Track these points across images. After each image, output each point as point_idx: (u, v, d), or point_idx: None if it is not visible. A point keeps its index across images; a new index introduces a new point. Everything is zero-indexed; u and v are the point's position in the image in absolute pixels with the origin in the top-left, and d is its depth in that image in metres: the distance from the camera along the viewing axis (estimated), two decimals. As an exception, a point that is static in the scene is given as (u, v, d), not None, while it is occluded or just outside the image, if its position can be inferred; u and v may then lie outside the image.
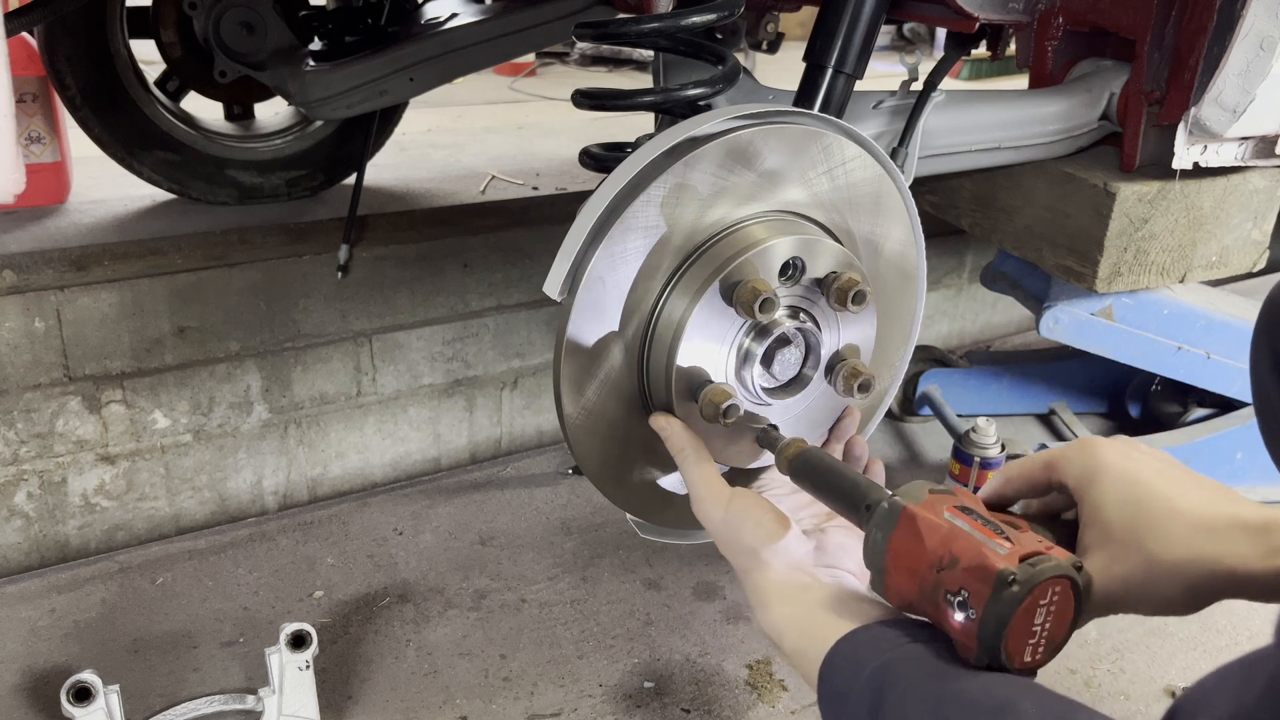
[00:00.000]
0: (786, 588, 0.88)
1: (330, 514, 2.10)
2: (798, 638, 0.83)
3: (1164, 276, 1.80)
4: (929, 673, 0.70)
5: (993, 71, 5.13)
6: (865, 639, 0.77)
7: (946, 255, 2.97)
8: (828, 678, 0.77)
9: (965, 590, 0.71)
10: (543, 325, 2.39)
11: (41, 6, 1.75)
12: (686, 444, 0.98)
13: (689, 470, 0.97)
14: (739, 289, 0.95)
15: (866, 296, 1.00)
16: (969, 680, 0.68)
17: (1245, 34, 1.48)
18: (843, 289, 1.00)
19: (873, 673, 0.72)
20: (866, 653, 0.75)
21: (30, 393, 1.89)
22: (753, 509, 0.92)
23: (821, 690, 0.77)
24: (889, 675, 0.71)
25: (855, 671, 0.74)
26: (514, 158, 2.77)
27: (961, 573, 0.72)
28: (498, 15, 2.00)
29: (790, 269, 1.00)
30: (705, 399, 0.97)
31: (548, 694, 1.63)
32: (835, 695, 0.75)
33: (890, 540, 0.78)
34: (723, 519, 0.93)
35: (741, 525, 0.92)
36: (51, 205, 2.13)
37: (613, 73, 5.22)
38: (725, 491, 0.95)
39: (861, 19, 1.36)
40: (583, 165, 1.26)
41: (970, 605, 0.71)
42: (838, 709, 0.75)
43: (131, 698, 1.54)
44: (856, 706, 0.72)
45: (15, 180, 0.87)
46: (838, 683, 0.75)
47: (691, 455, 0.97)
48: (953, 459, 1.88)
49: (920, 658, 0.73)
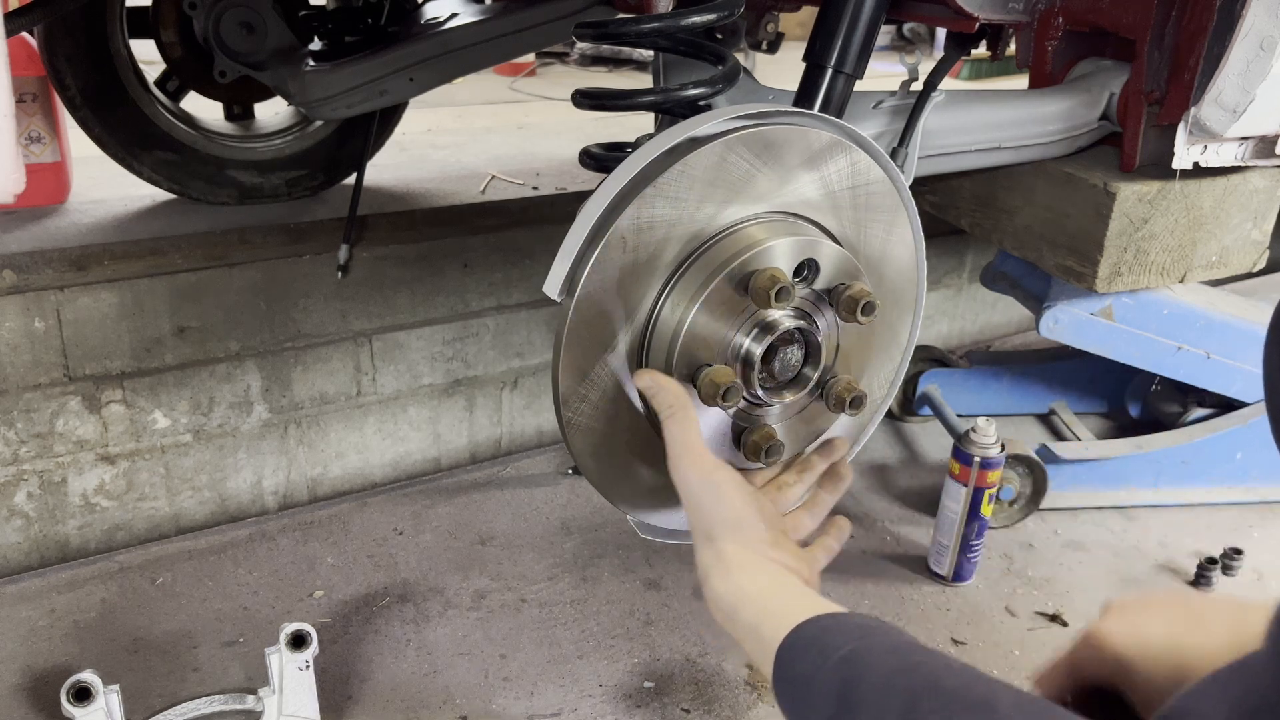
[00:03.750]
0: (752, 562, 0.86)
1: (330, 514, 2.10)
2: (754, 614, 0.81)
3: (1164, 276, 1.80)
4: (901, 665, 0.69)
5: (993, 71, 5.13)
6: (831, 625, 0.76)
7: (946, 255, 2.98)
8: (787, 661, 0.75)
9: None
10: (543, 325, 2.39)
11: (41, 6, 1.75)
12: (676, 401, 0.94)
13: (674, 427, 0.93)
14: (756, 276, 0.95)
15: (876, 308, 1.00)
16: (945, 674, 0.67)
17: (1245, 34, 1.48)
18: (853, 299, 0.99)
19: (840, 661, 0.71)
20: (833, 638, 0.73)
21: (30, 393, 1.89)
22: (736, 483, 0.91)
23: (779, 673, 0.76)
24: (858, 665, 0.70)
25: (820, 658, 0.72)
26: (514, 158, 2.77)
27: None
28: (498, 15, 2.00)
29: (803, 270, 1.00)
30: (705, 379, 0.96)
31: (548, 694, 1.63)
32: (797, 679, 0.74)
33: None
34: (700, 481, 0.90)
35: (720, 492, 0.90)
36: (51, 205, 2.13)
37: (613, 73, 5.22)
38: (709, 460, 0.92)
39: (861, 19, 1.36)
40: (583, 165, 1.26)
41: None
42: (800, 694, 0.73)
43: (131, 698, 1.54)
44: (822, 695, 0.70)
45: (15, 180, 0.87)
46: (800, 667, 0.74)
47: (680, 414, 0.94)
48: (952, 459, 1.88)
49: (891, 648, 0.71)
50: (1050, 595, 1.93)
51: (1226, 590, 1.96)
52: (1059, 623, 1.85)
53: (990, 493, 1.87)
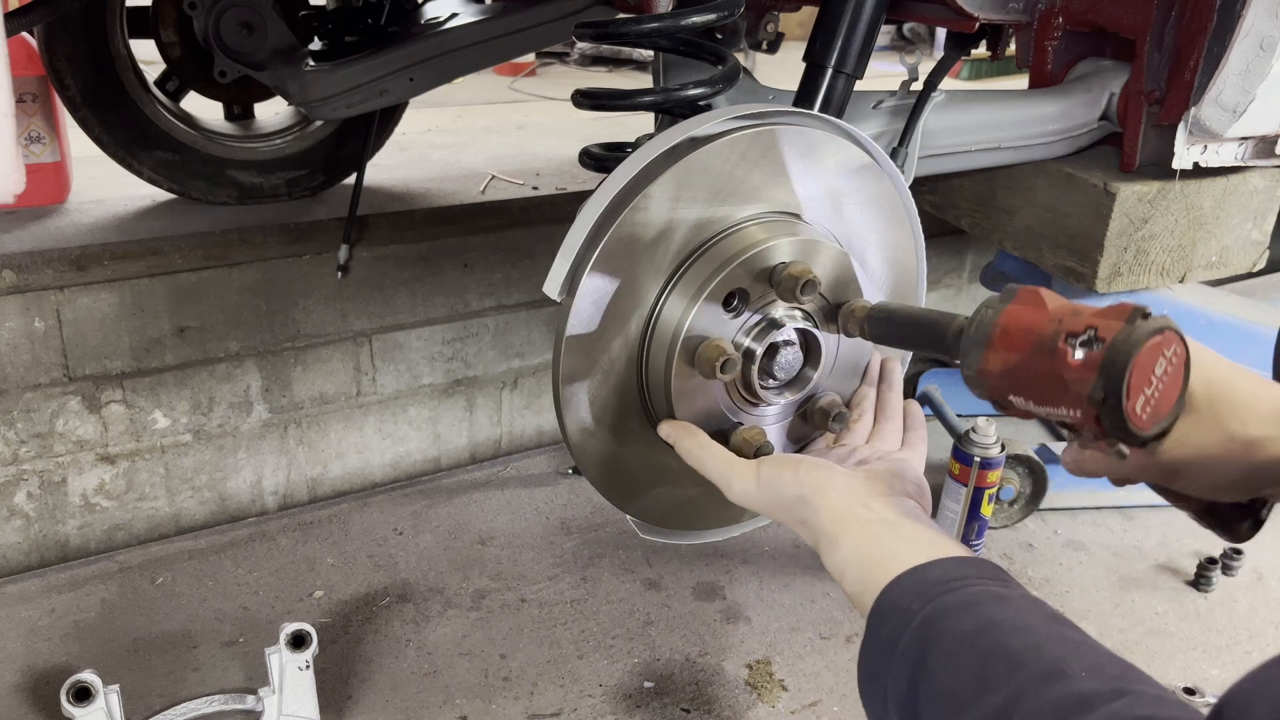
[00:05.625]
0: (845, 521, 0.85)
1: (330, 514, 2.10)
2: (854, 581, 0.80)
3: (1164, 276, 1.80)
4: (975, 626, 0.68)
5: (993, 71, 5.13)
6: (911, 585, 0.75)
7: (946, 255, 2.98)
8: (875, 625, 0.75)
9: (1093, 329, 0.71)
10: (543, 325, 2.39)
11: (41, 6, 1.75)
12: (696, 438, 0.96)
13: (708, 462, 0.95)
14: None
15: (817, 287, 0.99)
16: (1016, 635, 0.66)
17: (1245, 34, 1.48)
18: (793, 276, 0.98)
19: (920, 624, 0.70)
20: (913, 601, 0.73)
21: (30, 393, 1.89)
22: (786, 463, 0.91)
23: (868, 636, 0.75)
24: (934, 628, 0.69)
25: (903, 622, 0.72)
26: (514, 158, 2.77)
27: (1091, 315, 0.72)
28: (497, 15, 2.00)
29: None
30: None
31: (548, 694, 1.63)
32: (883, 644, 0.73)
33: (1004, 312, 0.78)
34: (758, 486, 0.91)
35: (781, 481, 0.90)
36: (51, 205, 2.13)
37: (613, 73, 5.22)
38: (750, 465, 0.93)
39: (861, 19, 1.36)
40: (583, 165, 1.26)
41: (1098, 339, 0.71)
42: (884, 658, 0.73)
43: (131, 698, 1.54)
44: (902, 660, 0.70)
45: (15, 180, 0.87)
46: (885, 632, 0.74)
47: (700, 449, 0.96)
48: (952, 459, 1.88)
49: (967, 604, 0.70)
50: (1050, 595, 1.93)
51: (1227, 591, 1.96)
52: (1059, 623, 1.85)
53: (990, 493, 1.87)
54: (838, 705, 1.63)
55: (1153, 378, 0.71)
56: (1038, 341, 0.74)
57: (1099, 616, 1.88)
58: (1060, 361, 0.73)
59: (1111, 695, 0.58)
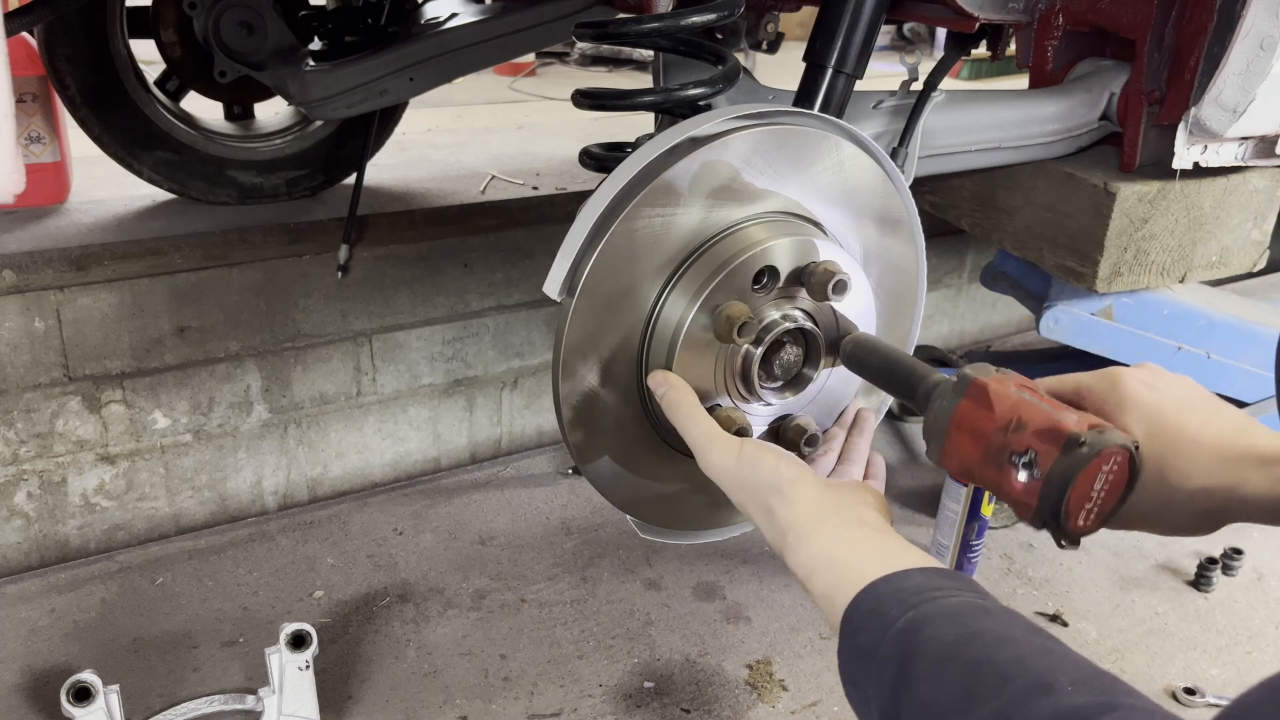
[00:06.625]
0: (819, 518, 0.84)
1: (330, 514, 2.10)
2: (825, 582, 0.80)
3: (1164, 276, 1.80)
4: (958, 635, 0.67)
5: (993, 71, 5.13)
6: (888, 592, 0.74)
7: (946, 255, 2.98)
8: (850, 631, 0.74)
9: (1033, 451, 0.75)
10: (543, 325, 2.39)
11: (41, 6, 1.75)
12: (685, 397, 0.95)
13: (691, 424, 0.93)
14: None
15: (848, 286, 0.99)
16: (1001, 647, 0.65)
17: (1245, 34, 1.48)
18: (822, 279, 0.98)
19: (899, 632, 0.69)
20: (891, 607, 0.72)
21: (30, 393, 1.89)
22: (769, 449, 0.90)
23: (844, 643, 0.74)
24: (916, 637, 0.68)
25: (880, 629, 0.71)
26: (514, 158, 2.77)
27: (1031, 435, 0.76)
28: (497, 15, 2.00)
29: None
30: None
31: (548, 694, 1.63)
32: (860, 650, 0.72)
33: (957, 409, 0.81)
34: (737, 463, 0.90)
35: (761, 464, 0.89)
36: (51, 205, 2.13)
37: (613, 73, 5.22)
38: (733, 440, 0.92)
39: (861, 19, 1.36)
40: (583, 165, 1.26)
41: (1037, 465, 0.75)
42: (862, 665, 0.72)
43: (131, 698, 1.54)
44: (882, 668, 0.69)
45: (15, 180, 0.87)
46: (862, 638, 0.72)
47: (690, 408, 0.94)
48: (953, 459, 1.88)
49: (950, 614, 0.69)
50: (1050, 595, 1.93)
51: (1227, 591, 1.96)
52: (1059, 623, 1.85)
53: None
54: (838, 705, 1.63)
55: (1093, 493, 0.75)
56: (986, 450, 0.79)
57: (1099, 616, 1.88)
58: (1006, 479, 0.78)
59: (1101, 709, 0.58)
